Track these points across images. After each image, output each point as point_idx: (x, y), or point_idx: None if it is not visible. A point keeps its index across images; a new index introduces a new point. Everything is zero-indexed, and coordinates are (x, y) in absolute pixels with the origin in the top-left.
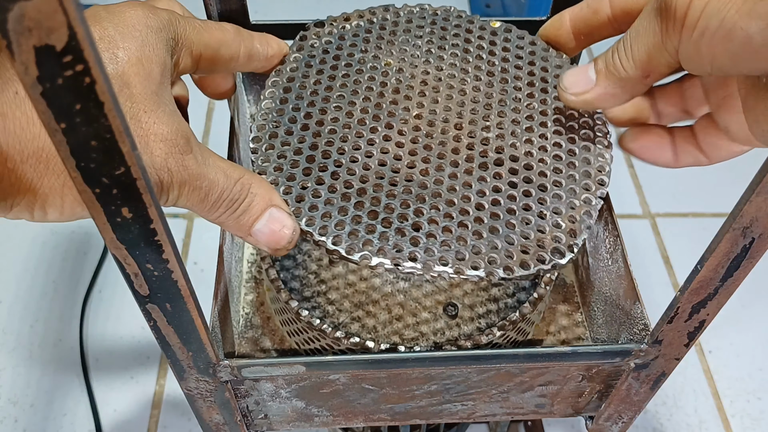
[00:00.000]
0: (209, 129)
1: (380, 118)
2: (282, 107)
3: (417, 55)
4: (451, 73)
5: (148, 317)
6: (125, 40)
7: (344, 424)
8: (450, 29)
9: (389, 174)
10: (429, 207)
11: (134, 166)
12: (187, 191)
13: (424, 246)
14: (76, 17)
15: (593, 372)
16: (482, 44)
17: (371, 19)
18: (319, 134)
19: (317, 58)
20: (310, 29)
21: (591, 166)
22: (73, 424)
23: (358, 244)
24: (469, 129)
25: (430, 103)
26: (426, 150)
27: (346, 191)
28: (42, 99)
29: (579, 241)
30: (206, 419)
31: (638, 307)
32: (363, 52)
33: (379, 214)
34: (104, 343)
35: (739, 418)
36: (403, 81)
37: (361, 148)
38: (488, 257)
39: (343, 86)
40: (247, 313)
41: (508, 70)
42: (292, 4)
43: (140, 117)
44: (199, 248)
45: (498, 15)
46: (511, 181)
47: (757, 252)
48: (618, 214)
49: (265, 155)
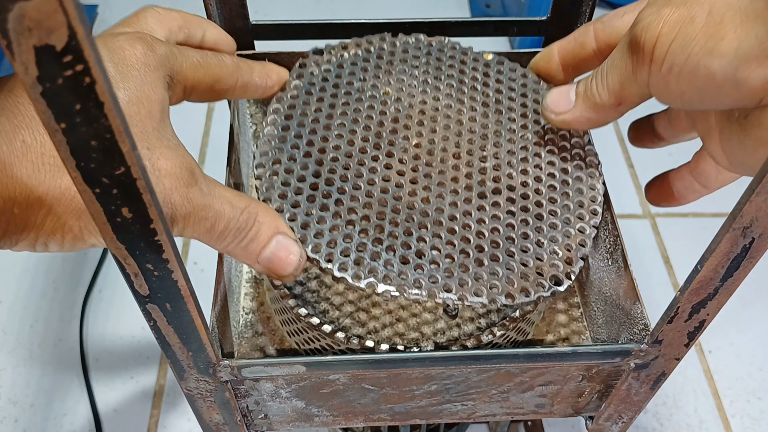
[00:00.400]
0: (209, 129)
1: (381, 147)
2: (284, 134)
3: (414, 85)
4: (447, 104)
5: (148, 317)
6: (125, 80)
7: (344, 424)
8: (445, 60)
9: (392, 201)
10: (431, 234)
11: (134, 166)
12: (193, 223)
13: (428, 273)
14: (76, 17)
15: (593, 372)
16: (476, 75)
17: (368, 48)
18: (321, 162)
19: (317, 86)
20: (310, 57)
21: (584, 195)
22: (73, 424)
23: (363, 271)
24: (467, 158)
25: (428, 133)
26: (427, 178)
27: (350, 218)
28: (42, 99)
29: (576, 269)
30: (206, 419)
31: (638, 307)
32: (362, 80)
33: (383, 241)
34: (104, 343)
35: (739, 418)
36: (402, 110)
37: (363, 176)
38: (490, 284)
39: (344, 114)
40: (247, 313)
41: (502, 101)
42: (292, 4)
43: (143, 154)
44: (199, 248)
45: (498, 15)
46: (509, 210)
47: (757, 252)
48: (618, 214)
49: (270, 182)
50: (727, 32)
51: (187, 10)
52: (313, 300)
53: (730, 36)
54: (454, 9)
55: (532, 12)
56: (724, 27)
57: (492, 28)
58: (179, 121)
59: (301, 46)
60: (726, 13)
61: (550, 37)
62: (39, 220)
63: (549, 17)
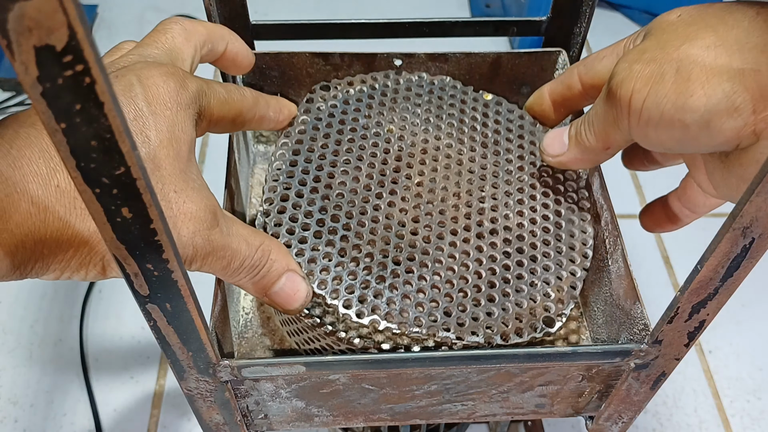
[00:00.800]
0: None
1: (385, 184)
2: (292, 170)
3: (417, 123)
4: (448, 143)
5: (148, 317)
6: (157, 120)
7: (344, 424)
8: (446, 99)
9: (394, 239)
10: (431, 273)
11: (134, 166)
12: (211, 262)
13: (428, 311)
14: (76, 17)
15: (593, 372)
16: (476, 116)
17: (373, 84)
18: (328, 197)
19: (324, 122)
20: (316, 92)
21: (575, 239)
22: (73, 424)
23: (367, 309)
24: (467, 198)
25: (429, 172)
26: (428, 217)
27: (354, 255)
28: (42, 99)
29: (567, 310)
30: (206, 419)
31: (638, 307)
32: (366, 117)
33: (385, 278)
34: (104, 343)
35: (739, 418)
36: (405, 148)
37: (367, 213)
38: (486, 324)
39: (349, 151)
40: (247, 313)
41: (500, 142)
42: (292, 4)
43: (170, 198)
44: None
45: (498, 15)
46: (505, 251)
47: (757, 252)
48: (618, 214)
49: (278, 218)
50: (695, 89)
51: (187, 10)
52: (313, 300)
53: (699, 92)
54: (454, 9)
55: (532, 12)
56: (692, 84)
57: (492, 28)
58: None
59: (301, 46)
60: (693, 69)
61: (550, 37)
62: (66, 259)
63: (549, 17)
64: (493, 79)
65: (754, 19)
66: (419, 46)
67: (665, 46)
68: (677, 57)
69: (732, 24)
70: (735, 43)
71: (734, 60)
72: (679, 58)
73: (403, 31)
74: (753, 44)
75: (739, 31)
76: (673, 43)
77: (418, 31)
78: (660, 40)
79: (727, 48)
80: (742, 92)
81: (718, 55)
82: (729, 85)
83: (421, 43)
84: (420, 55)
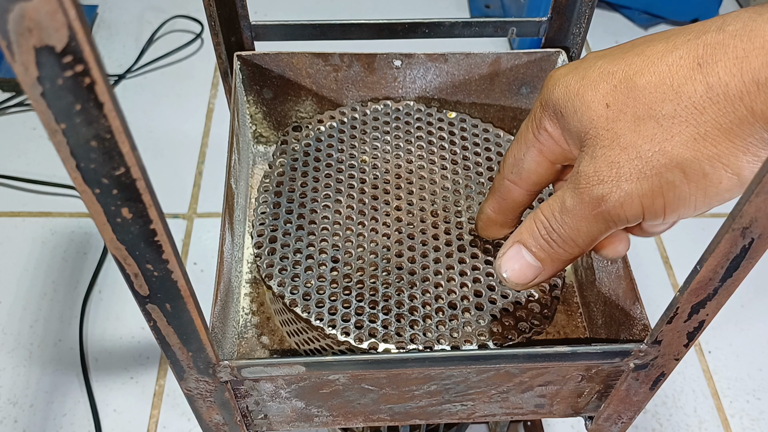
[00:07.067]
0: (209, 129)
1: (365, 213)
2: (276, 211)
3: (388, 150)
4: (420, 165)
5: (148, 317)
6: None
7: (344, 424)
8: (412, 123)
9: (381, 264)
10: (421, 291)
11: (134, 167)
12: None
13: (422, 328)
14: (76, 17)
15: (593, 372)
16: (443, 135)
17: (342, 119)
18: (313, 233)
19: (300, 161)
20: (290, 134)
21: None
22: (73, 424)
23: (364, 334)
24: (444, 215)
25: (406, 195)
26: (410, 239)
27: (346, 284)
28: (42, 99)
29: (551, 312)
30: (206, 419)
31: (638, 308)
32: (340, 151)
33: (378, 303)
34: (104, 343)
35: (739, 418)
36: (380, 176)
37: (353, 242)
38: (478, 331)
39: (328, 186)
40: (247, 313)
41: (468, 158)
42: (292, 4)
43: None
44: (199, 248)
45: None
46: (486, 260)
47: (756, 252)
48: None
49: (270, 259)
50: (720, 177)
51: (187, 10)
52: None
53: (725, 178)
54: (454, 9)
55: (531, 12)
56: (712, 177)
57: (491, 28)
58: (180, 122)
59: (301, 46)
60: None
61: (550, 38)
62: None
63: (549, 18)
64: (493, 79)
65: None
66: (419, 47)
67: (631, 146)
68: (667, 160)
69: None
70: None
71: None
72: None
73: (402, 31)
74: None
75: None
76: (647, 144)
77: (417, 32)
78: (618, 144)
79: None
80: None
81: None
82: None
83: (420, 43)
84: (419, 56)
